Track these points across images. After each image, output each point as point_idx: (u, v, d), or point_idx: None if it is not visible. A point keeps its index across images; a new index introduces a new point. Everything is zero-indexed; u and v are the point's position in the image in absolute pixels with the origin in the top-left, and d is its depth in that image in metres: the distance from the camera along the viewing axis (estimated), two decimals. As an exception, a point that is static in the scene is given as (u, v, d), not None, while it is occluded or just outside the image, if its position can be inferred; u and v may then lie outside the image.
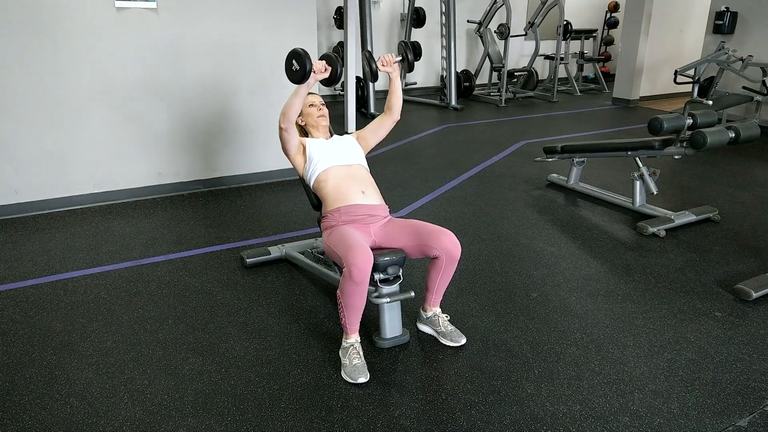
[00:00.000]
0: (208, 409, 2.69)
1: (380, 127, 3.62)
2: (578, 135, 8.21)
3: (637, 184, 5.04)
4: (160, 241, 4.50)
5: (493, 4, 10.81)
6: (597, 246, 4.48)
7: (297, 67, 3.08)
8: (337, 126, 7.82)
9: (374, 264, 2.90)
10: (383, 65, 3.40)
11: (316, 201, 3.54)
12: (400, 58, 3.48)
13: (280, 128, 3.29)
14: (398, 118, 3.61)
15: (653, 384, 2.88)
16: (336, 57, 3.16)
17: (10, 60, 4.68)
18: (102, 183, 5.26)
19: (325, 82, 3.21)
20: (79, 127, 5.05)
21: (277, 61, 5.61)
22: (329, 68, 3.15)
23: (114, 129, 5.19)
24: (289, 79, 3.14)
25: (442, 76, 10.66)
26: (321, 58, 3.18)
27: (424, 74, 11.73)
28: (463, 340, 3.17)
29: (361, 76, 9.18)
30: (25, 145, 4.89)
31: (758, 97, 8.49)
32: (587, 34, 12.53)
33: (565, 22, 10.85)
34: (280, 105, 5.40)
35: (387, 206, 3.35)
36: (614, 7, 13.22)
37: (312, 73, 3.08)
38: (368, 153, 3.63)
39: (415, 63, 3.63)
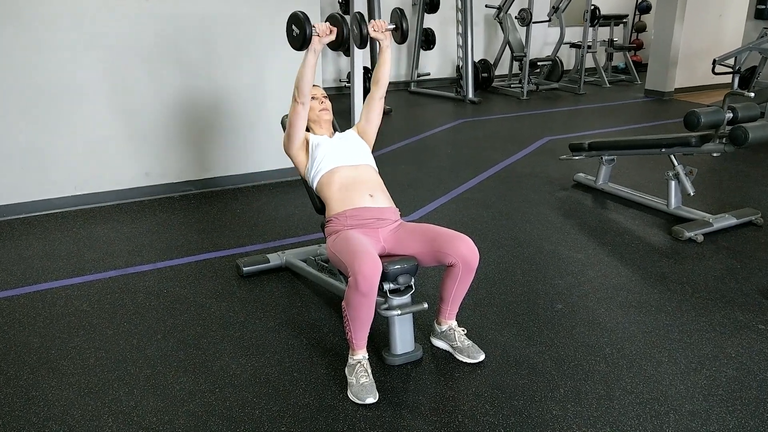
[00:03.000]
0: (200, 432, 2.69)
1: (370, 111, 3.59)
2: (607, 131, 8.19)
3: (672, 184, 5.02)
4: (147, 248, 4.50)
5: (513, -13, 10.84)
6: (628, 252, 4.46)
7: (297, 32, 3.11)
8: (343, 122, 7.81)
9: (383, 273, 2.89)
10: (374, 30, 3.37)
11: (319, 204, 3.54)
12: (393, 26, 3.46)
13: (296, 103, 3.28)
14: (383, 93, 3.55)
15: (690, 404, 2.86)
16: (342, 17, 3.18)
17: (-16, 50, 4.71)
18: (84, 184, 5.28)
19: (332, 46, 3.24)
20: (59, 123, 5.07)
21: (276, 50, 5.62)
22: (334, 29, 3.18)
23: (97, 125, 5.21)
24: (291, 46, 3.18)
25: (458, 66, 10.66)
26: (326, 20, 3.22)
27: (438, 64, 11.74)
28: (482, 356, 3.16)
29: (369, 67, 9.19)
30: None
31: (806, 89, 8.45)
32: (617, 19, 12.51)
33: (592, 7, 10.84)
34: (280, 99, 5.46)
35: (397, 209, 3.35)
36: (646, -10, 13.23)
37: (316, 36, 3.12)
38: (373, 149, 3.62)
39: (429, 52, 3.65)
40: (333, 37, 3.19)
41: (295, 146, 3.42)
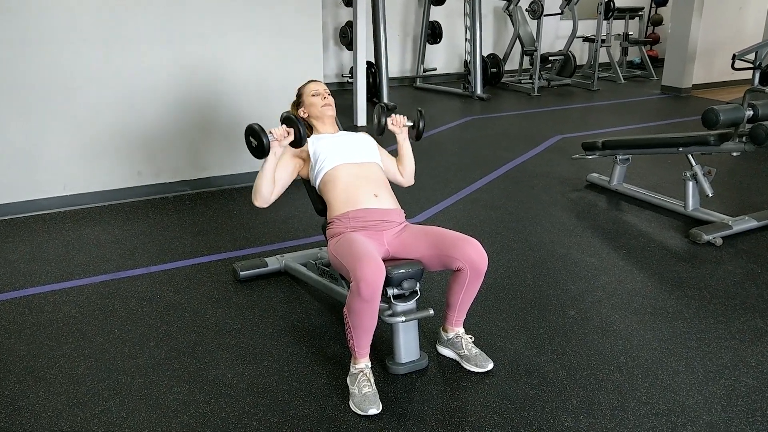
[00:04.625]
0: (195, 444, 2.69)
1: (390, 171, 3.72)
2: (622, 129, 8.19)
3: (690, 185, 5.02)
4: (140, 252, 4.51)
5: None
6: (643, 256, 4.46)
7: (255, 143, 3.30)
8: (345, 118, 7.83)
9: (387, 277, 2.88)
10: (393, 124, 3.58)
11: (320, 205, 3.54)
12: (411, 124, 3.68)
13: (255, 202, 3.41)
14: (412, 183, 3.82)
15: (708, 415, 2.86)
16: (295, 117, 3.39)
17: (-31, 43, 4.73)
18: (73, 184, 5.29)
19: (294, 145, 3.38)
20: (47, 119, 5.08)
21: (275, 43, 5.62)
22: (291, 130, 3.32)
23: (87, 121, 5.22)
24: (253, 156, 3.35)
25: (465, 61, 10.67)
26: (282, 122, 3.41)
27: (445, 59, 11.75)
28: (490, 365, 3.16)
29: (372, 61, 9.20)
30: (-15, 140, 4.94)
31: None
32: (632, 12, 12.51)
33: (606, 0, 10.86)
34: (280, 95, 5.46)
35: (403, 211, 3.35)
36: (663, -18, 13.23)
37: (275, 142, 3.28)
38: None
39: (435, 46, 3.78)
40: (291, 137, 3.32)
41: (284, 184, 3.50)
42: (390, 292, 3.01)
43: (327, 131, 3.57)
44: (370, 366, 3.00)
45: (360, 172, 3.36)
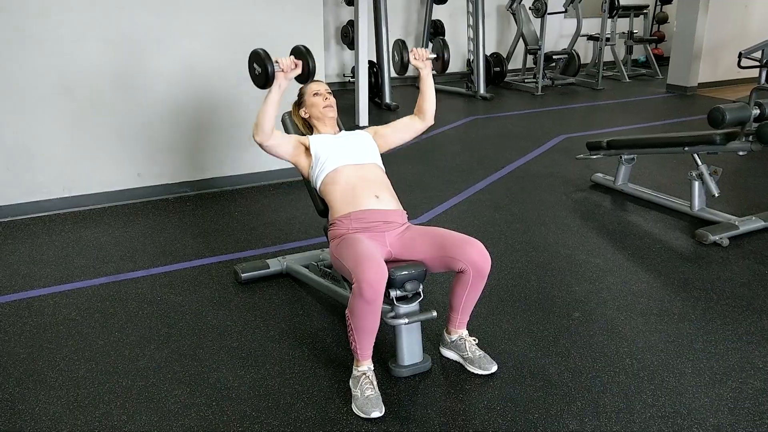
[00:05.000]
0: (196, 448, 2.70)
1: (408, 129, 3.68)
2: (627, 128, 8.18)
3: (696, 184, 5.01)
4: (140, 254, 4.51)
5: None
6: (649, 257, 4.46)
7: (259, 70, 3.19)
8: (347, 118, 7.83)
9: (389, 279, 2.89)
10: (415, 58, 3.51)
11: (322, 206, 3.54)
12: (435, 55, 3.60)
13: (256, 142, 3.34)
14: (432, 122, 3.69)
15: (715, 418, 2.85)
16: (307, 50, 3.27)
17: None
18: (73, 186, 5.29)
19: (300, 80, 3.33)
20: (46, 120, 5.08)
21: (275, 40, 5.61)
22: (299, 62, 3.25)
23: (86, 121, 5.22)
24: (255, 84, 3.27)
25: (468, 60, 10.67)
26: (291, 53, 3.30)
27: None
28: (494, 368, 3.16)
29: (374, 61, 9.20)
30: (-18, 141, 4.95)
31: (838, 83, 8.44)
32: (637, 10, 12.49)
33: (610, -3, 10.84)
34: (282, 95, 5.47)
35: (405, 212, 3.35)
36: (668, -21, 13.22)
37: (280, 72, 3.19)
38: (384, 152, 3.64)
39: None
40: (299, 71, 3.25)
41: (290, 157, 3.48)
42: (392, 293, 3.00)
43: (327, 132, 3.57)
44: (372, 368, 3.00)
45: (361, 173, 3.36)
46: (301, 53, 3.27)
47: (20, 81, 4.92)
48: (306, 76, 3.27)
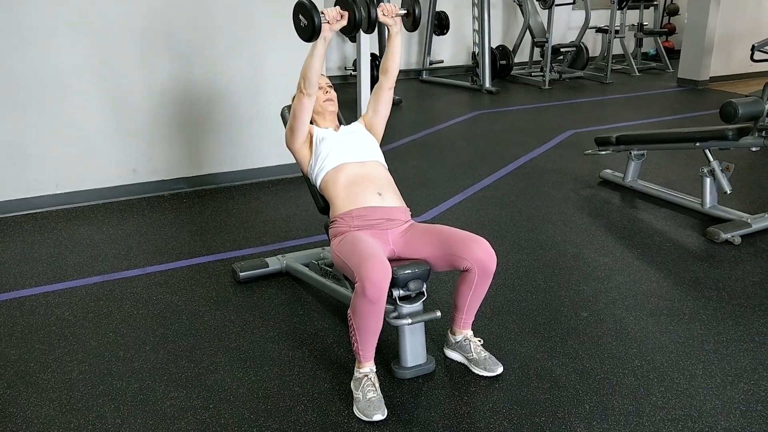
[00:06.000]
0: (193, 451, 2.70)
1: (378, 102, 3.59)
2: (636, 123, 8.18)
3: (707, 181, 5.00)
4: (135, 252, 4.51)
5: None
6: (659, 256, 4.45)
7: (305, 22, 3.09)
8: (349, 113, 7.81)
9: (393, 278, 2.88)
10: (384, 14, 3.34)
11: (323, 203, 3.54)
12: (405, 12, 3.46)
13: (301, 94, 3.27)
14: (393, 84, 3.57)
15: (726, 421, 2.85)
16: None
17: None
18: (66, 182, 5.30)
19: (344, 31, 3.24)
20: (39, 115, 5.09)
21: (276, 36, 5.62)
22: (345, 14, 3.17)
23: (80, 117, 5.22)
24: (300, 38, 3.17)
25: (473, 53, 10.66)
26: (336, 3, 3.21)
27: (452, 51, 11.73)
28: (500, 369, 3.15)
29: (376, 54, 9.18)
30: (-26, 137, 4.94)
31: None
32: (647, 2, 12.46)
33: (620, -12, 10.83)
34: (280, 90, 5.47)
35: (408, 209, 3.35)
36: (679, -30, 13.20)
37: (326, 24, 3.10)
38: (381, 143, 3.62)
39: (442, 37, 3.66)
40: (344, 22, 3.17)
41: (298, 141, 3.43)
42: (396, 293, 3.00)
43: (327, 126, 3.56)
44: (375, 370, 3.00)
45: (363, 170, 3.35)
46: (346, 3, 3.18)
47: (11, 75, 4.92)
48: (351, 28, 3.19)
